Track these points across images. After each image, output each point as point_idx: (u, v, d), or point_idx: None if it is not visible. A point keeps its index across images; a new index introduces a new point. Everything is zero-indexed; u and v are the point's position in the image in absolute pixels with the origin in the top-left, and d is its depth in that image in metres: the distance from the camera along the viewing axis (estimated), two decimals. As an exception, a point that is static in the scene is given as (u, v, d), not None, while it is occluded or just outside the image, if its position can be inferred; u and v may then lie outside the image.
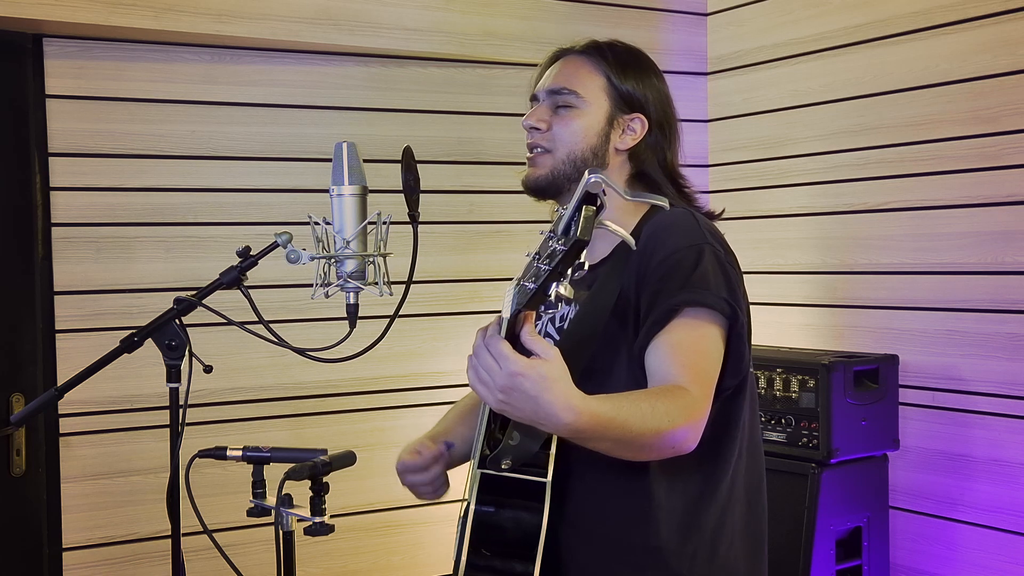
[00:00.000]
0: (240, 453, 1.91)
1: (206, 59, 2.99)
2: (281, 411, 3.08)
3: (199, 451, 1.88)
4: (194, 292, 1.80)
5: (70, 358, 2.82)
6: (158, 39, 2.90)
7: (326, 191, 1.77)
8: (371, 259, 1.76)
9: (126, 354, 1.79)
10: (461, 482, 1.93)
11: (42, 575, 2.82)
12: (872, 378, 3.05)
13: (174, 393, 1.78)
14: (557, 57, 1.86)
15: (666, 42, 3.63)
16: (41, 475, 2.82)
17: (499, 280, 3.38)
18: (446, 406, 2.12)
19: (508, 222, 3.41)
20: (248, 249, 1.81)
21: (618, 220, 1.49)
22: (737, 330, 1.65)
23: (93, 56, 2.86)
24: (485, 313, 3.37)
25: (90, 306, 2.85)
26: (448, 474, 1.93)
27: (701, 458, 1.63)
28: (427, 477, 1.89)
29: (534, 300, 1.32)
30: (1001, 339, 2.91)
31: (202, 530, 1.85)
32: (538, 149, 1.80)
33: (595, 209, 1.23)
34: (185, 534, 1.80)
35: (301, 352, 1.79)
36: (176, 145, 2.96)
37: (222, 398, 2.97)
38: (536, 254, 1.30)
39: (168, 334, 1.77)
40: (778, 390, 3.07)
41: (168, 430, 1.79)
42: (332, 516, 1.88)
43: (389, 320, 1.79)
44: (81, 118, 2.86)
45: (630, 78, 1.80)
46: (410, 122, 3.26)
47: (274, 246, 1.78)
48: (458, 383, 3.27)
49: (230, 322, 1.80)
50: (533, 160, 1.81)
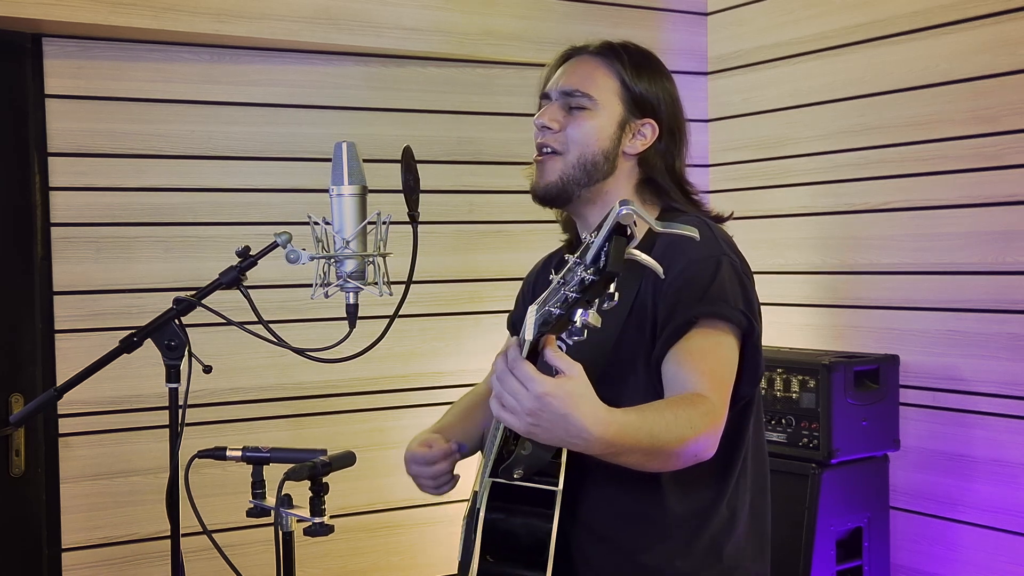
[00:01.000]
0: (240, 453, 1.91)
1: (205, 59, 2.99)
2: (281, 411, 3.08)
3: (199, 451, 1.88)
4: (193, 292, 1.80)
5: (69, 358, 2.82)
6: (158, 39, 2.90)
7: (326, 191, 1.77)
8: (371, 259, 1.76)
9: (125, 354, 1.79)
10: (465, 484, 1.93)
11: (41, 575, 2.82)
12: (872, 378, 3.05)
13: (173, 393, 1.77)
14: (569, 56, 1.84)
15: (666, 42, 3.63)
16: (40, 475, 2.82)
17: (499, 280, 3.38)
18: (446, 406, 2.12)
19: (508, 222, 3.41)
20: (247, 249, 1.80)
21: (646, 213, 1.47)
22: (753, 341, 1.65)
23: (93, 56, 2.86)
24: (485, 313, 3.36)
25: (89, 306, 2.85)
26: (456, 476, 1.92)
27: (712, 466, 1.63)
28: (432, 471, 1.88)
29: (559, 326, 1.31)
30: (1002, 339, 2.91)
31: (202, 530, 1.85)
32: (547, 149, 1.77)
33: (626, 240, 1.22)
34: (185, 534, 1.80)
35: (301, 352, 1.79)
36: (176, 145, 2.96)
37: (222, 398, 2.97)
38: (561, 279, 1.28)
39: (167, 334, 1.76)
40: (778, 390, 3.07)
41: (168, 430, 1.79)
42: (332, 516, 1.87)
43: (389, 320, 1.79)
44: (81, 118, 2.85)
45: (643, 82, 1.78)
46: (410, 122, 3.26)
47: (274, 246, 1.78)
48: (458, 383, 3.27)
49: (230, 322, 1.80)
50: (542, 164, 1.78)
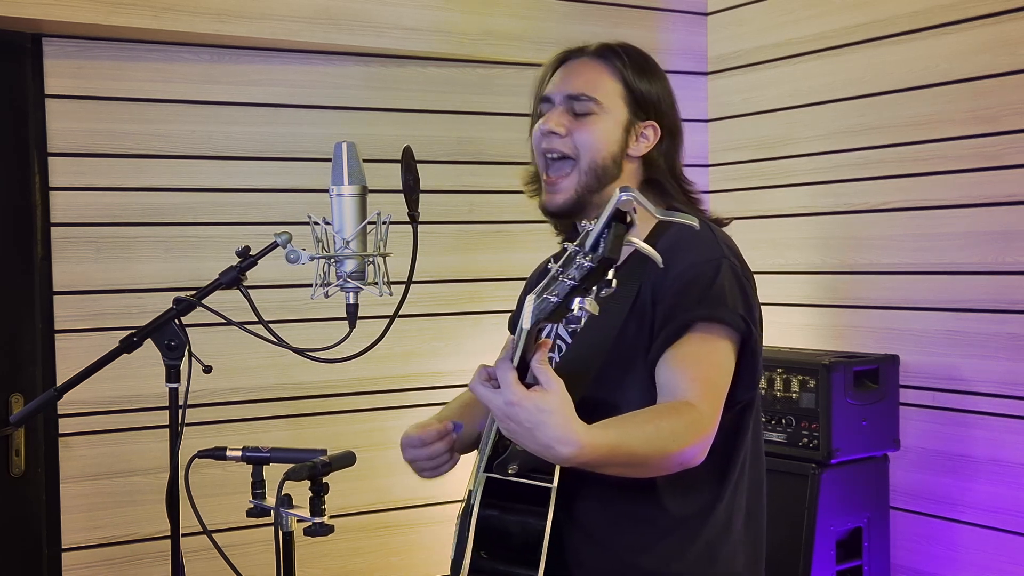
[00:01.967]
0: (240, 453, 1.91)
1: (205, 59, 2.99)
2: (281, 411, 3.08)
3: (199, 451, 1.87)
4: (193, 292, 1.80)
5: (69, 358, 2.82)
6: (158, 39, 2.90)
7: (326, 191, 1.76)
8: (371, 259, 1.76)
9: (125, 354, 1.79)
10: (459, 477, 1.92)
11: (41, 575, 2.82)
12: (872, 378, 3.05)
13: (173, 393, 1.77)
14: (566, 58, 1.82)
15: (666, 42, 3.63)
16: (40, 475, 2.82)
17: (499, 280, 3.38)
18: (443, 407, 2.12)
19: (508, 222, 3.41)
20: (247, 249, 1.80)
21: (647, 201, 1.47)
22: (751, 346, 1.64)
23: (92, 56, 2.86)
24: (485, 313, 3.36)
25: (89, 306, 2.85)
26: (454, 456, 1.89)
27: (709, 468, 1.62)
28: (428, 453, 1.85)
29: (556, 314, 1.30)
30: (1002, 339, 2.91)
31: (202, 530, 1.85)
32: (554, 155, 1.76)
33: (625, 227, 1.22)
34: (184, 534, 1.80)
35: (301, 352, 1.79)
36: (175, 145, 2.96)
37: (222, 398, 2.97)
38: (560, 267, 1.28)
39: (167, 334, 1.76)
40: (778, 390, 3.07)
41: (168, 430, 1.79)
42: (332, 516, 1.87)
43: (389, 320, 1.79)
44: (80, 118, 2.85)
45: (645, 83, 1.78)
46: (410, 122, 3.26)
47: (273, 246, 1.78)
48: (458, 383, 3.27)
49: (230, 322, 1.80)
50: (556, 185, 1.75)
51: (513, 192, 3.38)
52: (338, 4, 3.04)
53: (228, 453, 1.91)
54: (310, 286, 1.75)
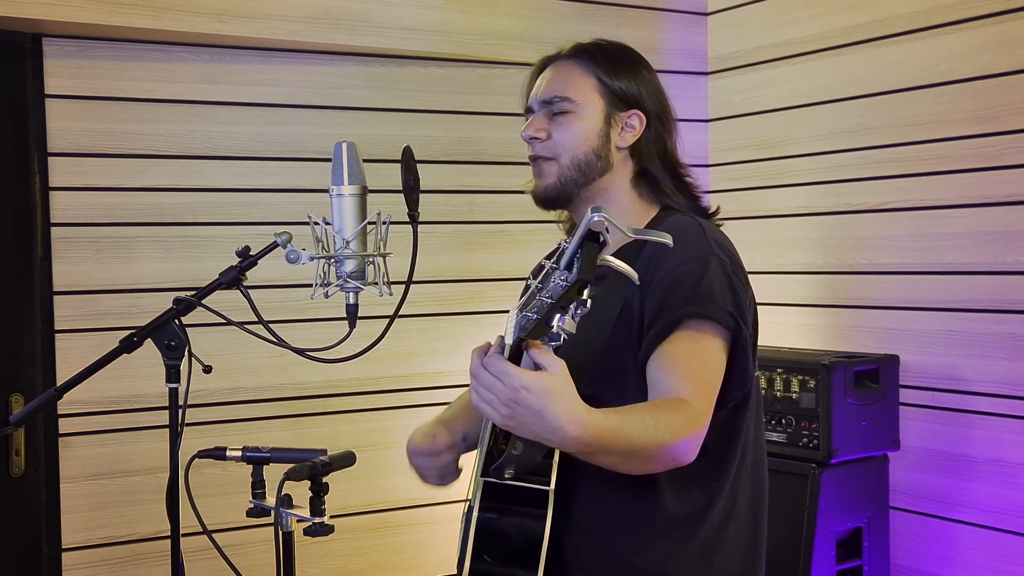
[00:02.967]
0: (240, 453, 1.91)
1: (206, 59, 2.99)
2: (281, 411, 3.08)
3: (199, 451, 1.88)
4: (193, 292, 1.80)
5: (69, 358, 2.82)
6: (158, 39, 2.90)
7: (326, 191, 1.77)
8: (371, 259, 1.76)
9: (125, 354, 1.79)
10: (465, 481, 1.93)
11: (41, 575, 2.82)
12: (872, 378, 3.05)
13: (173, 393, 1.78)
14: (544, 65, 1.85)
15: (666, 42, 3.63)
16: (40, 475, 2.82)
17: (499, 280, 3.38)
18: (446, 406, 2.12)
19: (508, 222, 3.41)
20: (247, 249, 1.80)
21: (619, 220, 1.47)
22: (741, 343, 1.64)
23: (93, 56, 2.86)
24: (485, 313, 3.36)
25: (89, 306, 2.85)
26: (460, 468, 1.92)
27: (706, 468, 1.63)
28: (437, 463, 1.88)
29: (536, 331, 1.32)
30: (1002, 339, 2.91)
31: (202, 530, 1.85)
32: (539, 159, 1.79)
33: (598, 247, 1.23)
34: (185, 534, 1.80)
35: (301, 352, 1.79)
36: (176, 145, 2.96)
37: (222, 398, 2.97)
38: (539, 284, 1.29)
39: (167, 334, 1.76)
40: (778, 390, 3.07)
41: (168, 430, 1.79)
42: (332, 516, 1.87)
43: (389, 320, 1.79)
44: (80, 118, 2.85)
45: (621, 75, 1.79)
46: (410, 122, 3.26)
47: (273, 246, 1.78)
48: (458, 383, 3.27)
49: (230, 322, 1.80)
50: (539, 167, 1.79)
51: (513, 192, 3.40)
52: (338, 4, 3.04)
53: (228, 453, 1.91)
54: (310, 286, 1.75)
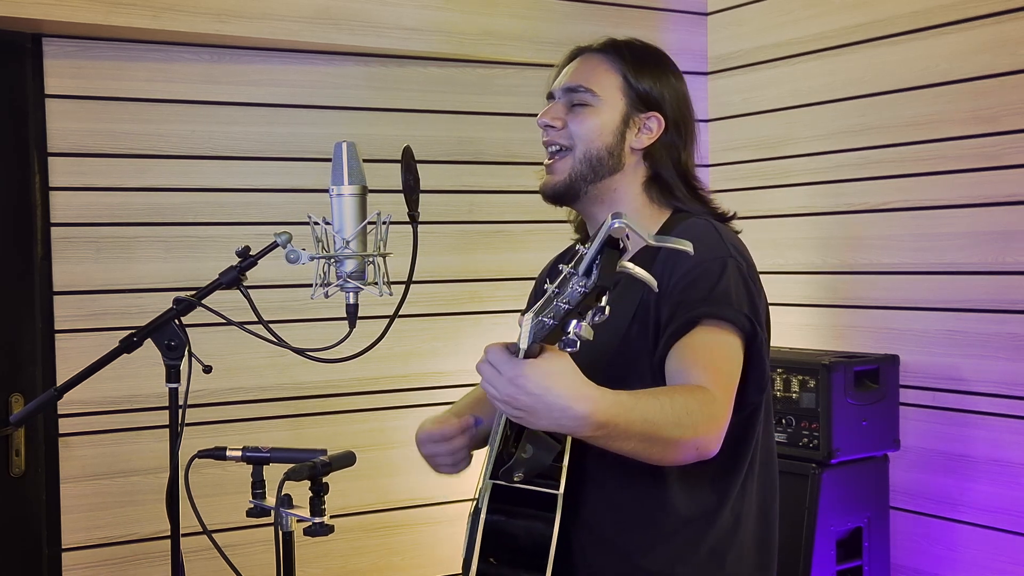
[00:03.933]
0: (239, 453, 1.91)
1: (205, 59, 2.99)
2: (281, 411, 3.08)
3: (198, 451, 1.88)
4: (193, 292, 1.79)
5: (69, 358, 2.82)
6: (157, 39, 2.90)
7: (326, 191, 1.77)
8: (371, 259, 1.76)
9: (125, 354, 1.79)
10: (461, 476, 1.92)
11: (41, 575, 2.82)
12: (872, 378, 3.05)
13: (173, 393, 1.77)
14: (575, 55, 1.84)
15: (666, 42, 3.63)
16: (40, 475, 2.82)
17: (499, 280, 3.38)
18: (446, 406, 2.12)
19: (508, 222, 3.41)
20: (247, 249, 1.80)
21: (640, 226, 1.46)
22: (757, 347, 1.63)
23: (92, 56, 2.86)
24: (485, 313, 3.36)
25: (89, 306, 2.85)
26: (471, 454, 1.88)
27: (717, 468, 1.62)
28: (449, 448, 1.83)
29: (552, 336, 1.30)
30: (1002, 339, 2.91)
31: (202, 530, 1.85)
32: (554, 147, 1.78)
33: (618, 253, 1.21)
34: (184, 534, 1.80)
35: (301, 352, 1.79)
36: (175, 145, 2.96)
37: (222, 398, 2.97)
38: (556, 288, 1.27)
39: (167, 334, 1.76)
40: (778, 390, 3.07)
41: (168, 430, 1.79)
42: (332, 516, 1.87)
43: (389, 320, 1.79)
44: (80, 118, 2.85)
45: (647, 77, 1.78)
46: (410, 122, 3.26)
47: (273, 246, 1.78)
48: (458, 383, 3.27)
49: (229, 322, 1.80)
50: (552, 166, 1.78)
51: (513, 192, 3.41)
52: (338, 4, 3.04)
53: (228, 453, 1.91)
54: (310, 286, 1.75)
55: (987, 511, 2.96)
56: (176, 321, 1.77)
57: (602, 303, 1.23)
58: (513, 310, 2.89)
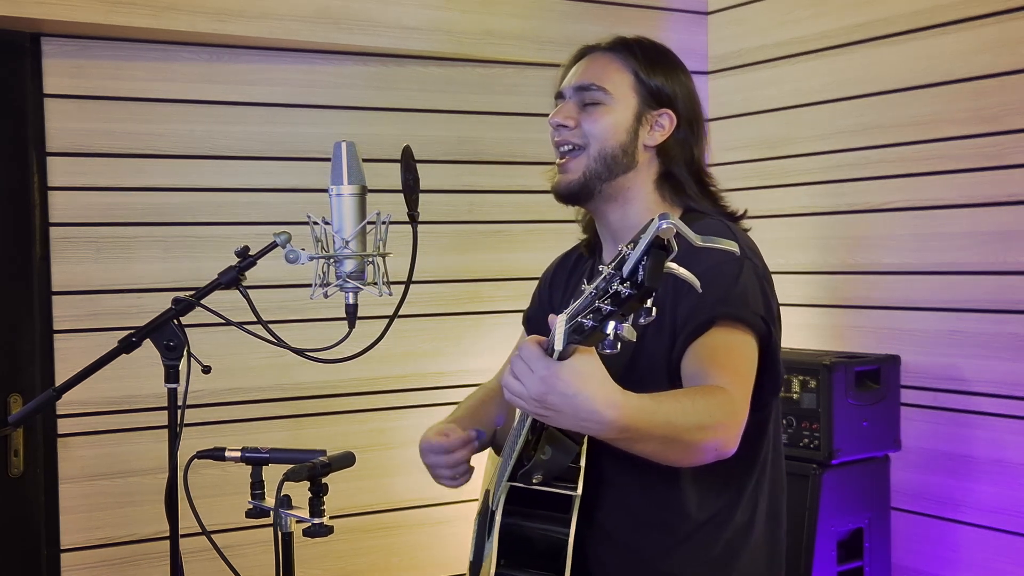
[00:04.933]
0: (239, 454, 1.90)
1: (205, 58, 2.98)
2: (280, 412, 3.08)
3: (198, 452, 1.87)
4: (192, 292, 1.79)
5: (68, 358, 2.81)
6: (157, 38, 2.89)
7: (325, 191, 1.76)
8: (370, 259, 1.75)
9: (124, 354, 1.78)
10: (473, 483, 1.92)
11: (40, 575, 2.82)
12: (873, 378, 3.04)
13: (172, 394, 1.77)
14: (583, 54, 1.84)
15: (666, 41, 3.54)
16: (39, 476, 2.82)
17: (499, 280, 3.38)
18: (446, 406, 2.12)
19: (508, 222, 3.40)
20: (247, 249, 1.80)
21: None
22: (771, 348, 1.64)
23: (91, 55, 2.85)
24: (485, 313, 3.36)
25: (88, 306, 2.85)
26: (471, 467, 1.89)
27: (730, 470, 1.62)
28: (451, 460, 1.84)
29: (592, 338, 1.27)
30: (1003, 339, 2.90)
31: (201, 531, 1.84)
32: (567, 146, 1.77)
33: (665, 255, 1.18)
34: (184, 535, 1.79)
35: (300, 352, 1.79)
36: (175, 144, 2.95)
37: (221, 399, 2.97)
38: (593, 289, 1.24)
39: (166, 334, 1.76)
40: (779, 390, 3.06)
41: (167, 431, 1.78)
42: (331, 517, 1.87)
43: (389, 320, 1.78)
44: (79, 117, 2.85)
45: (658, 74, 1.78)
46: (410, 121, 3.26)
47: (273, 246, 1.77)
48: (458, 383, 3.27)
49: (229, 322, 1.79)
50: (565, 165, 1.77)
51: (513, 192, 3.41)
52: (338, 4, 3.03)
53: (227, 454, 1.90)
54: (309, 286, 1.75)
55: (988, 512, 2.95)
56: (175, 321, 1.76)
57: (647, 304, 1.21)
58: (513, 310, 2.89)
